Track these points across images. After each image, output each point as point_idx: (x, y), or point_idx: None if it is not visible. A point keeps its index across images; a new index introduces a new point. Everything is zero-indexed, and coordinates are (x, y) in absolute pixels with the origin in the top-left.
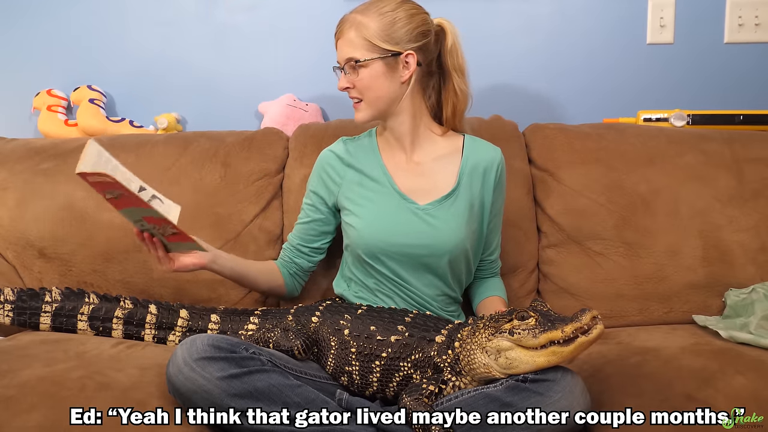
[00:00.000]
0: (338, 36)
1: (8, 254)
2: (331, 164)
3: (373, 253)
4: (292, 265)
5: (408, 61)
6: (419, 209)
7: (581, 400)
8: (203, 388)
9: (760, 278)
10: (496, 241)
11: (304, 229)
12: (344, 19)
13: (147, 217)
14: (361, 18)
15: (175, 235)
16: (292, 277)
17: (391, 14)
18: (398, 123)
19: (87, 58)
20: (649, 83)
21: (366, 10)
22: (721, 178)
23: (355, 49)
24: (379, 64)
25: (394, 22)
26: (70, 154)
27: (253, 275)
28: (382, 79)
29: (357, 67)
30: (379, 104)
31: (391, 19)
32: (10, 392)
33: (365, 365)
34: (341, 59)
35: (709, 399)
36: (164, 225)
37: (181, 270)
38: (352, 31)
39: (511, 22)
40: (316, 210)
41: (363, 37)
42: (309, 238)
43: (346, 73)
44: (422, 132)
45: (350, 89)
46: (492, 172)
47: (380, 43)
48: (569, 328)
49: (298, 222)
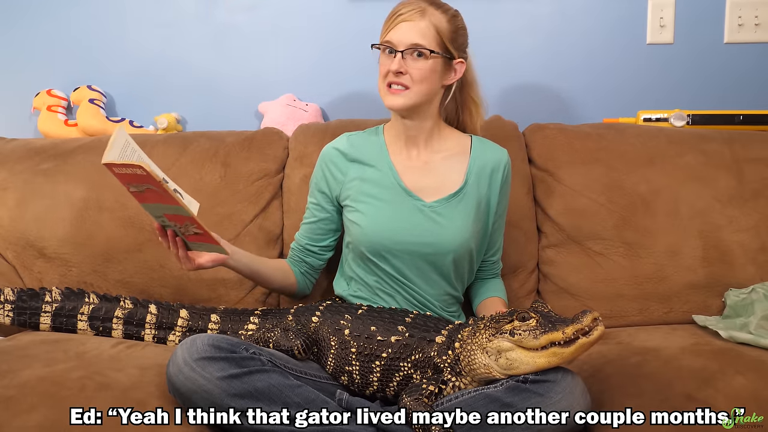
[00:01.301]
0: (403, 18)
1: (8, 254)
2: (333, 161)
3: (377, 250)
4: (303, 264)
5: (457, 68)
6: (425, 206)
7: (581, 400)
8: (203, 388)
9: (760, 278)
10: (499, 242)
11: (311, 229)
12: (413, 4)
13: (169, 215)
14: (433, 11)
15: (197, 235)
16: (304, 275)
17: (455, 20)
18: (421, 121)
19: (87, 58)
20: (649, 83)
21: (435, 6)
22: (721, 178)
23: (425, 38)
24: (440, 61)
25: (458, 29)
26: (70, 154)
27: (268, 273)
28: (435, 76)
29: (427, 56)
30: (422, 98)
31: (455, 24)
32: (10, 392)
33: (365, 365)
34: (403, 42)
35: (709, 399)
36: (186, 223)
37: (200, 269)
38: (426, 19)
39: (511, 23)
40: (321, 209)
41: (436, 30)
42: (317, 237)
43: (404, 58)
44: (436, 132)
45: (404, 75)
46: (499, 172)
47: (447, 43)
48: (570, 329)
49: (304, 222)
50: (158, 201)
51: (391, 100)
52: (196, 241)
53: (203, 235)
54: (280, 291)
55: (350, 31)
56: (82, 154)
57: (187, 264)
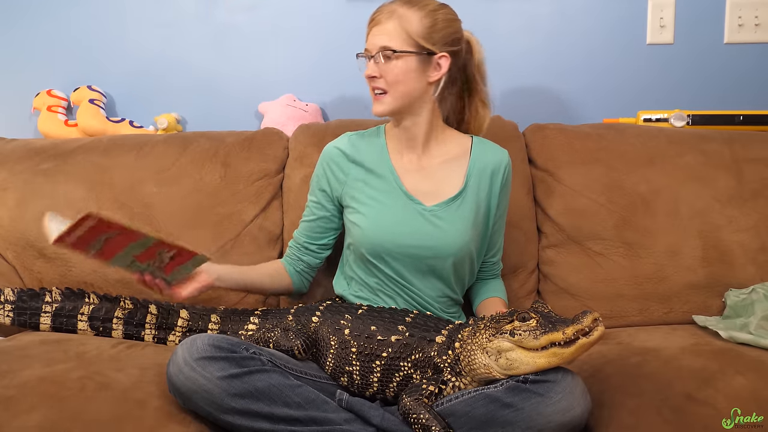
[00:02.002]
0: (375, 23)
1: (8, 254)
2: (335, 161)
3: (377, 252)
4: (300, 263)
5: (440, 63)
6: (426, 210)
7: (581, 400)
8: (203, 388)
9: (760, 278)
10: (499, 243)
11: (310, 227)
12: (384, 8)
13: (138, 255)
14: (404, 11)
15: (172, 260)
16: (300, 274)
17: (433, 14)
18: (414, 123)
19: (87, 58)
20: (649, 83)
21: (409, 4)
22: (721, 178)
23: (392, 40)
24: (414, 59)
25: (435, 23)
26: (70, 154)
27: (259, 282)
28: (413, 74)
29: (391, 57)
30: (404, 100)
31: (433, 19)
32: (10, 392)
33: (366, 365)
34: (373, 47)
35: (709, 399)
36: (159, 252)
37: (190, 297)
38: (392, 21)
39: (511, 22)
40: (321, 207)
41: (403, 30)
42: (315, 235)
43: (377, 62)
44: (435, 135)
45: (377, 79)
46: (499, 174)
47: (419, 40)
48: (570, 329)
49: (303, 220)
50: (121, 245)
51: (374, 108)
52: (176, 266)
53: (178, 253)
54: (275, 294)
55: (350, 31)
56: (82, 154)
57: (176, 296)
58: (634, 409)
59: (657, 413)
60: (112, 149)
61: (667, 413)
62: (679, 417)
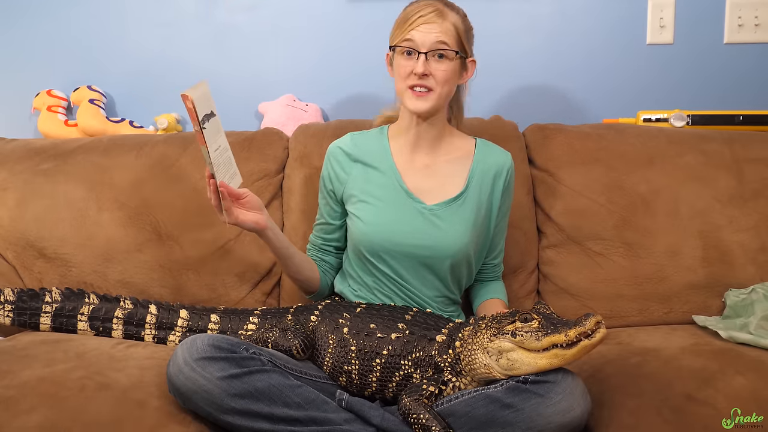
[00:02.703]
0: (427, 19)
1: (8, 254)
2: (338, 159)
3: (375, 251)
4: (323, 263)
5: (469, 66)
6: (426, 209)
7: (581, 401)
8: (203, 388)
9: (760, 278)
10: (501, 245)
11: (324, 229)
12: (428, 5)
13: None
14: (448, 11)
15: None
16: (324, 274)
17: (467, 20)
18: (434, 123)
19: (87, 58)
20: (649, 83)
21: (449, 7)
22: (721, 178)
23: (450, 39)
24: (458, 61)
25: (469, 28)
26: (70, 154)
27: (300, 259)
28: (455, 76)
29: (446, 56)
30: (443, 100)
31: (468, 24)
32: (10, 392)
33: (365, 364)
34: (426, 43)
35: (709, 399)
36: None
37: (238, 224)
38: (447, 20)
39: (511, 22)
40: (330, 209)
41: (456, 31)
42: (330, 237)
43: (427, 59)
44: (444, 135)
45: (427, 77)
46: (501, 177)
47: (465, 43)
48: (573, 332)
49: (316, 223)
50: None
51: (415, 104)
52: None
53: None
54: (306, 284)
55: (350, 32)
56: (82, 154)
57: (222, 215)
58: (634, 410)
59: (657, 413)
60: (112, 149)
61: (667, 413)
62: (679, 417)
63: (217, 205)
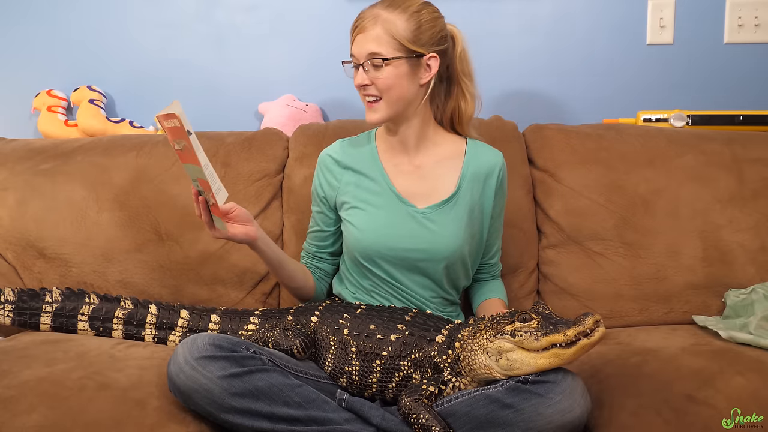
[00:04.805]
0: (359, 30)
1: (8, 254)
2: (328, 167)
3: (369, 256)
4: (317, 270)
5: (430, 64)
6: (418, 213)
7: (581, 401)
8: (204, 387)
9: (760, 278)
10: (497, 245)
11: (318, 237)
12: (367, 14)
13: (202, 180)
14: (387, 15)
15: (213, 207)
16: (319, 281)
17: (417, 15)
18: (408, 126)
19: (87, 58)
20: (649, 83)
21: (391, 8)
22: (721, 178)
23: (381, 46)
24: (404, 63)
25: (421, 24)
26: (70, 154)
27: (293, 267)
28: (405, 79)
29: (380, 64)
30: (398, 105)
31: (417, 21)
32: (10, 392)
33: (365, 365)
34: (361, 54)
35: (709, 399)
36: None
37: (229, 238)
38: (378, 27)
39: (511, 23)
40: (324, 216)
41: (390, 35)
42: (324, 244)
43: (366, 70)
44: (427, 136)
45: (369, 87)
46: (493, 177)
47: (407, 43)
48: (572, 331)
49: (310, 230)
50: (191, 160)
51: (368, 116)
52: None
53: (214, 206)
54: (299, 292)
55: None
56: (82, 154)
57: (211, 230)
58: (634, 410)
59: (657, 413)
60: (112, 149)
61: (667, 413)
62: (679, 417)
63: (208, 221)
